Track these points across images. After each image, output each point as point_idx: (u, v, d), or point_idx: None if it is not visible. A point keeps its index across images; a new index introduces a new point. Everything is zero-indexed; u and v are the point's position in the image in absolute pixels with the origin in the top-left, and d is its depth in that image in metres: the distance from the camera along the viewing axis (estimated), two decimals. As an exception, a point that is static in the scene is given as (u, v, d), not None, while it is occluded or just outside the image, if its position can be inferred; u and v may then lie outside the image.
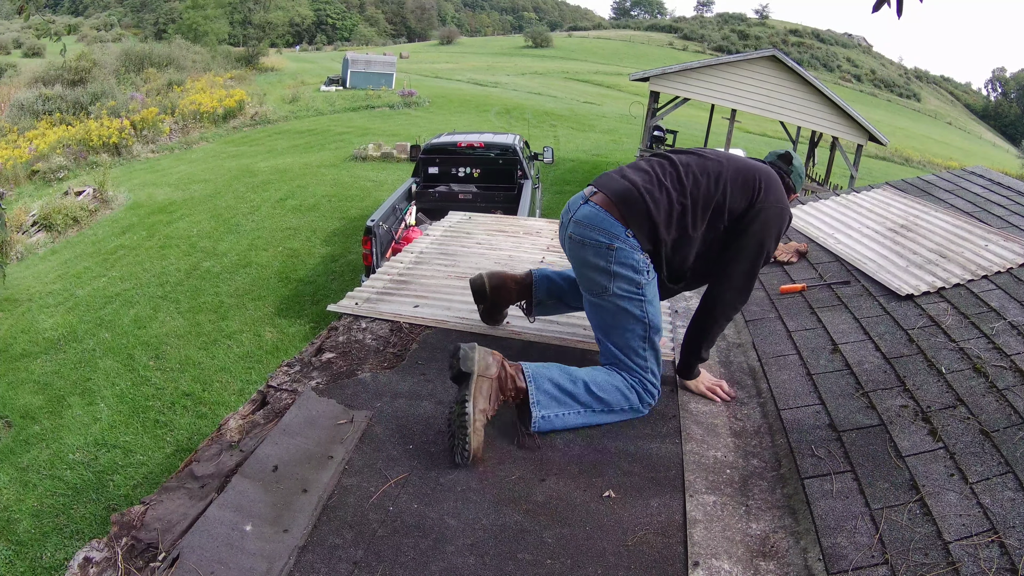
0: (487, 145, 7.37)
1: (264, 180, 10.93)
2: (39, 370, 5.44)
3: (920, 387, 1.89)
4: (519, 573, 1.39)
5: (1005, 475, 1.49)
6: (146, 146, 14.60)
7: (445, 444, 1.77)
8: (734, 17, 79.88)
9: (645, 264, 1.88)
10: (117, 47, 27.07)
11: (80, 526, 3.75)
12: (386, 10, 75.55)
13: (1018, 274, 2.49)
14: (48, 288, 7.07)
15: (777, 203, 1.96)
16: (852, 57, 71.75)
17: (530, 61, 46.31)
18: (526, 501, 1.59)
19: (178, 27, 35.62)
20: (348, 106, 20.21)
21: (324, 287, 6.92)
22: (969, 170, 4.10)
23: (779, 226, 1.97)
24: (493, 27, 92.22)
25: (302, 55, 45.59)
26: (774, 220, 1.95)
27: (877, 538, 1.40)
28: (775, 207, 1.95)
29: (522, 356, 2.27)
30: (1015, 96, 75.89)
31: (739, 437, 1.89)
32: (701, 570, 1.40)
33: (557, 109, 22.63)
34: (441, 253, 3.35)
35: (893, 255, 2.89)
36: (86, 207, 9.63)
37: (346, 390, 2.02)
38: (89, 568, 1.38)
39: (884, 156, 25.20)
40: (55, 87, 18.11)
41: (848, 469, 1.63)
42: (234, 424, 1.89)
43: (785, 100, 11.02)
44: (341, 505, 1.55)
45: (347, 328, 2.45)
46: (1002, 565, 1.26)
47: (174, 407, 4.92)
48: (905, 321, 2.29)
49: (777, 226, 1.96)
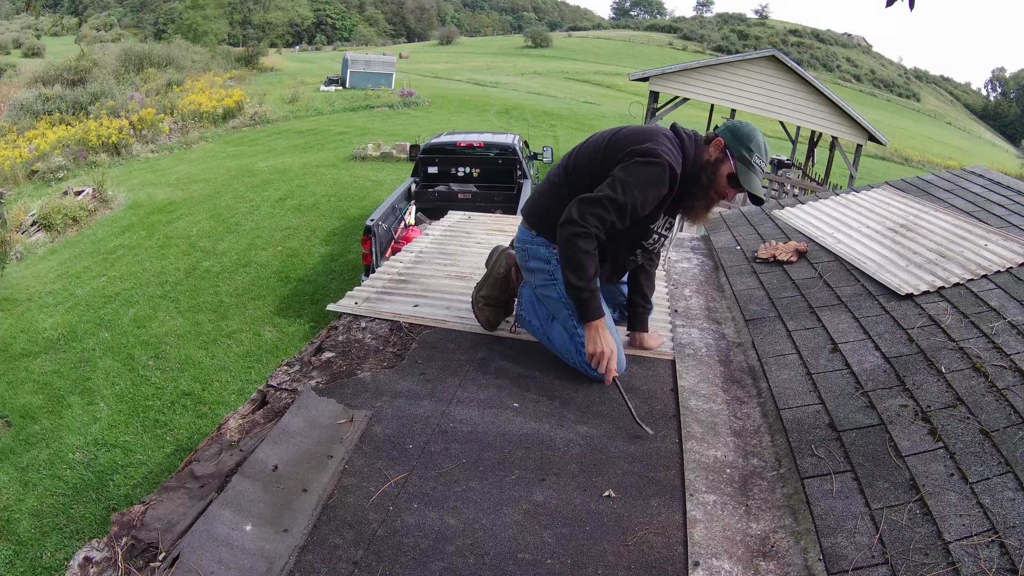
0: (486, 145, 7.37)
1: (264, 180, 10.93)
2: (39, 370, 5.44)
3: (920, 387, 1.89)
4: (519, 573, 1.39)
5: (1005, 475, 1.49)
6: (145, 146, 14.59)
7: (445, 444, 1.78)
8: (734, 17, 79.91)
9: (551, 254, 2.15)
10: (117, 47, 27.05)
11: (80, 526, 3.75)
12: (386, 10, 75.53)
13: (1018, 273, 2.49)
14: (48, 288, 7.07)
15: (645, 153, 1.96)
16: (852, 57, 71.76)
17: (530, 61, 46.31)
18: (526, 501, 1.59)
19: (178, 27, 35.59)
20: (348, 106, 20.21)
21: (324, 286, 6.91)
22: (969, 170, 4.10)
23: (642, 173, 1.95)
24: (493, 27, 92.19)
25: (302, 55, 45.59)
26: (637, 166, 1.95)
27: (877, 538, 1.40)
28: (641, 154, 1.96)
29: (522, 355, 2.28)
30: (1015, 96, 75.93)
31: (739, 436, 1.89)
32: (701, 570, 1.40)
33: (557, 109, 22.64)
34: (441, 252, 3.35)
35: (893, 255, 2.89)
36: (85, 207, 9.63)
37: (346, 390, 2.02)
38: (89, 568, 1.37)
39: (884, 156, 25.22)
40: (55, 87, 18.11)
41: (848, 469, 1.63)
42: (234, 424, 1.89)
43: (785, 100, 11.03)
44: (341, 505, 1.55)
45: (347, 328, 2.45)
46: (1002, 565, 1.26)
47: (174, 407, 4.92)
48: (905, 321, 2.29)
49: (640, 172, 1.95)
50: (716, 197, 2.07)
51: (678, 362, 2.29)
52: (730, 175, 2.01)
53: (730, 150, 2.01)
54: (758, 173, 2.01)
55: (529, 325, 2.33)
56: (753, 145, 2.00)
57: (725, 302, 2.89)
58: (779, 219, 3.73)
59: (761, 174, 2.02)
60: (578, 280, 1.97)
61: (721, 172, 2.03)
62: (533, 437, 1.83)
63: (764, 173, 2.05)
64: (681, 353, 2.37)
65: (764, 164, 2.02)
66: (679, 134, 2.08)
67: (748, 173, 2.00)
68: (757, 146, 2.00)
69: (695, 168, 2.05)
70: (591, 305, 2.00)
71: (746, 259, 3.24)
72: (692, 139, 2.08)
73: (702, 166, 2.04)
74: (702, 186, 2.05)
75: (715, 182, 2.04)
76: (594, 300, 2.00)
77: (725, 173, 2.02)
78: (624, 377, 2.13)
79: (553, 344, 2.23)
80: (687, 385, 2.14)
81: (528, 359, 2.25)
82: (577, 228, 1.95)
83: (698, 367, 2.29)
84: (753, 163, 2.00)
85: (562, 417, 1.92)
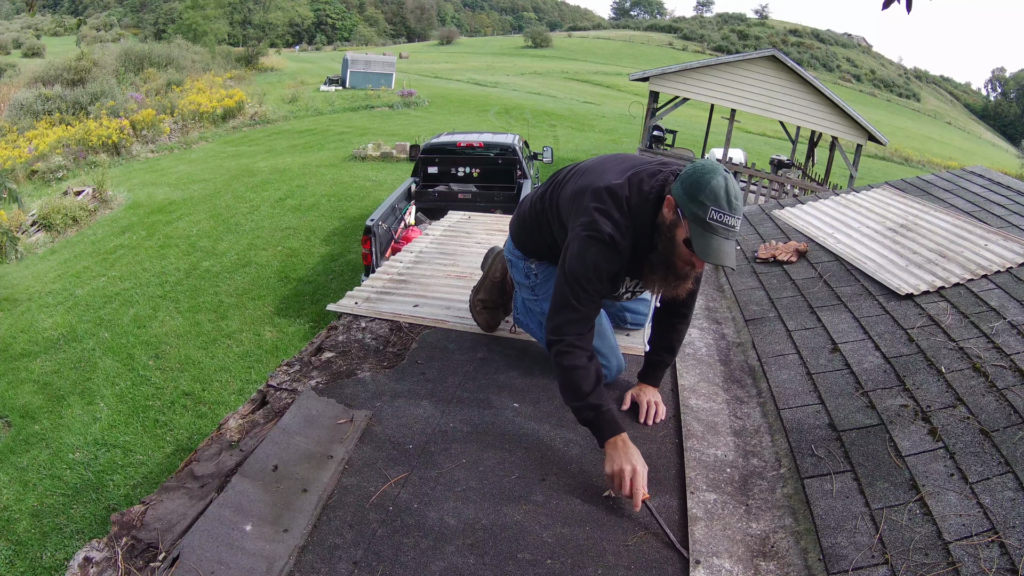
0: (486, 145, 7.37)
1: (263, 180, 10.93)
2: (39, 370, 5.44)
3: (920, 387, 1.89)
4: (519, 573, 1.39)
5: (1005, 475, 1.49)
6: (145, 146, 14.59)
7: (445, 444, 1.78)
8: (734, 17, 79.94)
9: (528, 268, 2.13)
10: (117, 47, 27.07)
11: (80, 526, 3.75)
12: (386, 10, 75.55)
13: (1018, 273, 2.49)
14: (48, 288, 7.07)
15: (584, 228, 1.67)
16: (852, 57, 71.78)
17: (530, 61, 46.32)
18: (526, 501, 1.59)
19: (178, 27, 35.60)
20: (347, 106, 20.21)
21: (323, 286, 6.91)
22: (969, 170, 4.10)
23: (588, 253, 1.66)
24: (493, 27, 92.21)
25: (302, 55, 45.60)
26: (578, 248, 1.68)
27: (877, 538, 1.40)
28: (583, 227, 1.68)
29: (522, 356, 2.28)
30: (1015, 96, 75.94)
31: (739, 436, 1.89)
32: (702, 569, 1.40)
33: (556, 109, 22.64)
34: (441, 252, 3.35)
35: (893, 255, 2.89)
36: (85, 207, 9.63)
37: (346, 390, 2.02)
38: (89, 568, 1.37)
39: (884, 156, 25.22)
40: (55, 87, 18.11)
41: (848, 469, 1.63)
42: (234, 424, 1.89)
43: (785, 100, 11.02)
44: (341, 505, 1.55)
45: (347, 328, 2.45)
46: (1002, 565, 1.26)
47: (174, 407, 4.92)
48: (905, 321, 2.29)
49: (585, 252, 1.67)
50: (682, 265, 1.65)
51: (678, 362, 2.29)
52: (686, 240, 1.59)
53: (680, 208, 1.58)
54: (719, 231, 1.52)
55: (527, 327, 2.32)
56: (705, 195, 1.52)
57: (725, 302, 2.89)
58: (779, 219, 3.73)
59: (726, 231, 1.53)
60: (576, 401, 1.66)
61: (676, 237, 1.61)
62: (533, 437, 1.84)
63: (730, 229, 1.53)
64: (681, 353, 2.37)
65: (729, 216, 1.52)
66: (632, 187, 1.68)
67: (704, 236, 1.54)
68: (712, 195, 1.51)
69: (651, 231, 1.68)
70: (600, 423, 1.64)
71: (746, 259, 3.24)
72: (648, 194, 1.67)
73: (657, 229, 1.66)
74: (658, 254, 1.67)
75: (672, 249, 1.63)
76: (602, 418, 1.63)
77: (681, 238, 1.60)
78: (623, 377, 2.13)
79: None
80: (687, 384, 2.14)
81: (528, 359, 2.25)
82: (558, 347, 1.70)
83: (698, 367, 2.28)
84: (710, 220, 1.52)
85: (562, 417, 1.92)
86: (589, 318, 1.73)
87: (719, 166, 1.56)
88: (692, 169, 1.58)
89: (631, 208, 1.67)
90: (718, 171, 1.54)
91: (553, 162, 8.36)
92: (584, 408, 1.65)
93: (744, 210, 4.14)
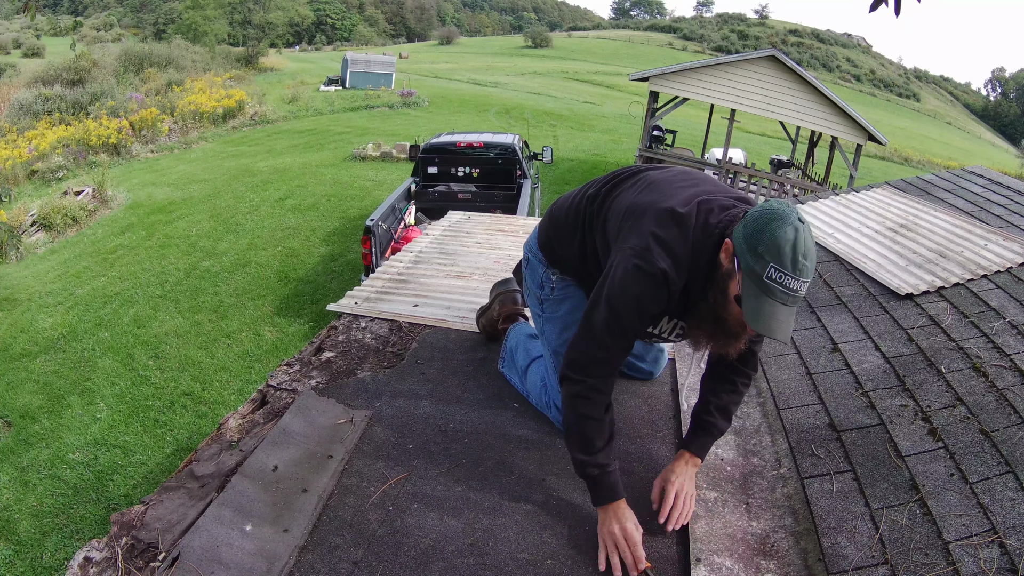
0: (486, 145, 7.37)
1: (263, 180, 10.93)
2: (39, 370, 5.44)
3: (920, 387, 1.89)
4: (519, 573, 1.39)
5: (1005, 475, 1.49)
6: (145, 146, 14.59)
7: (445, 444, 1.78)
8: (733, 17, 79.94)
9: (546, 277, 1.83)
10: (117, 47, 27.05)
11: (80, 526, 3.75)
12: (386, 10, 75.54)
13: (1018, 273, 2.49)
14: (47, 288, 7.07)
15: (636, 255, 1.37)
16: (852, 57, 71.79)
17: (529, 61, 46.32)
18: (526, 501, 1.59)
19: (178, 27, 35.60)
20: (347, 106, 20.21)
21: (323, 286, 6.91)
22: (969, 170, 4.10)
23: (630, 286, 1.38)
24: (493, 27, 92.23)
25: (302, 55, 45.58)
26: (623, 275, 1.39)
27: (877, 538, 1.40)
28: (628, 257, 1.39)
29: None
30: (1015, 96, 75.97)
31: (739, 435, 1.89)
32: (703, 566, 1.40)
33: (556, 109, 22.63)
34: (440, 252, 3.35)
35: (893, 255, 2.89)
36: (85, 207, 9.62)
37: (346, 390, 2.02)
38: (89, 568, 1.37)
39: (883, 156, 25.22)
40: (54, 87, 18.09)
41: (848, 469, 1.63)
42: (234, 424, 1.89)
43: (784, 100, 11.02)
44: (341, 505, 1.55)
45: (347, 327, 2.45)
46: (1002, 565, 1.26)
47: (174, 407, 4.92)
48: (905, 321, 2.29)
49: (628, 286, 1.38)
50: (733, 323, 1.36)
51: (678, 361, 2.29)
52: (737, 296, 1.31)
53: (738, 257, 1.29)
54: (776, 295, 1.24)
55: (509, 379, 2.10)
56: (766, 247, 1.23)
57: (725, 302, 2.89)
58: (779, 219, 3.72)
59: (784, 295, 1.24)
60: (583, 455, 1.46)
61: (729, 290, 1.33)
62: (533, 437, 1.84)
63: (790, 294, 1.24)
64: (681, 352, 2.37)
65: (792, 278, 1.23)
66: (699, 217, 1.39)
67: (757, 297, 1.26)
68: (775, 249, 1.23)
69: (707, 274, 1.39)
70: (601, 484, 1.46)
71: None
72: (713, 230, 1.37)
73: (712, 275, 1.38)
74: (707, 305, 1.40)
75: (723, 304, 1.36)
76: (605, 479, 1.46)
77: (733, 292, 1.32)
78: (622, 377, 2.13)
79: (529, 397, 1.99)
80: (687, 384, 2.14)
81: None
82: (578, 387, 1.46)
83: (698, 366, 2.28)
84: (767, 280, 1.24)
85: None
86: (617, 361, 1.49)
87: (792, 213, 1.25)
88: (759, 212, 1.28)
89: (694, 242, 1.37)
90: (788, 220, 1.23)
91: (553, 162, 8.36)
92: (589, 464, 1.46)
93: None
